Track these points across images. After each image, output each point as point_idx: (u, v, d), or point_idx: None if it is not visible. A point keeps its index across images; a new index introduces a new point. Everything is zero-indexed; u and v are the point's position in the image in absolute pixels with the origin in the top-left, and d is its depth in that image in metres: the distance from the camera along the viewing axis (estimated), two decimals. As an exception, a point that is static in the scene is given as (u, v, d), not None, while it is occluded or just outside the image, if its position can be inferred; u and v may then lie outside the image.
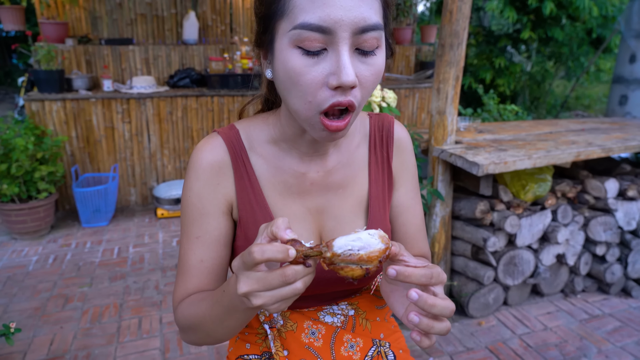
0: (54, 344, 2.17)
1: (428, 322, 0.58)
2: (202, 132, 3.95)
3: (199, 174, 0.75)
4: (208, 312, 0.68)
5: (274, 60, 0.64)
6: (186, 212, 0.77)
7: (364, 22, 0.58)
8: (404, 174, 0.87)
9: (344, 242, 0.55)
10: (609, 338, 2.27)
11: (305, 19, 0.57)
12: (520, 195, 2.35)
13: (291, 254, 0.52)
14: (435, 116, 2.25)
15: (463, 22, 2.09)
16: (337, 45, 0.58)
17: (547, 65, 6.84)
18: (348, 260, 0.55)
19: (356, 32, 0.58)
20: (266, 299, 0.54)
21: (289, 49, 0.60)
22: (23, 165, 3.08)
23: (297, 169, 0.78)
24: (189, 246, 0.76)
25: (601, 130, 2.79)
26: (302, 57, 0.59)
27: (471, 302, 2.37)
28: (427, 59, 5.05)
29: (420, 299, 0.56)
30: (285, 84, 0.63)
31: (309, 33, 0.57)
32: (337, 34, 0.57)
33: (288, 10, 0.59)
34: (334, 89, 0.60)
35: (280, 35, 0.61)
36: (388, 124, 0.86)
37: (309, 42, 0.58)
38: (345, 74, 0.58)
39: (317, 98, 0.61)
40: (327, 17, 0.56)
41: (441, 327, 0.58)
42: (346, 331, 0.85)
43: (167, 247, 3.22)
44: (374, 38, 0.60)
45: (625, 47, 3.84)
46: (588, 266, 2.62)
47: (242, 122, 0.81)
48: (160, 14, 4.40)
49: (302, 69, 0.60)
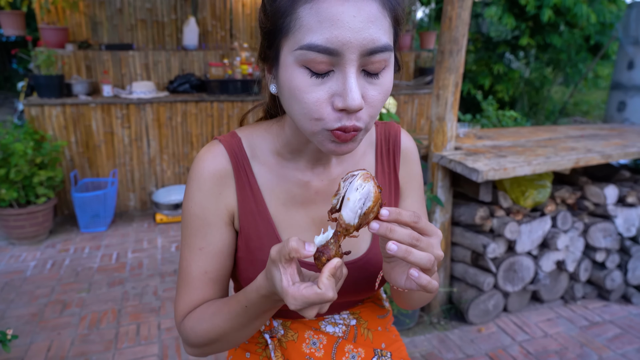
0: (52, 350, 2.15)
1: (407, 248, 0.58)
2: (201, 138, 3.95)
3: (201, 183, 0.74)
4: (228, 325, 0.69)
5: (279, 76, 0.63)
6: (188, 222, 0.75)
7: (372, 44, 0.56)
8: (411, 184, 0.86)
9: (351, 212, 0.57)
10: (609, 345, 2.26)
11: (312, 40, 0.55)
12: (520, 201, 2.35)
13: (337, 265, 0.56)
14: (434, 122, 2.26)
15: (462, 28, 2.10)
16: (344, 67, 0.57)
17: (546, 71, 6.87)
18: (364, 217, 0.57)
19: (364, 54, 0.56)
20: (319, 309, 0.58)
21: (294, 68, 0.58)
22: (22, 170, 3.07)
23: (301, 178, 0.77)
24: (192, 258, 0.75)
25: (600, 137, 2.80)
26: (308, 77, 0.58)
27: (471, 308, 2.36)
28: (426, 65, 5.07)
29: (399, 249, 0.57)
30: (289, 101, 0.62)
31: (316, 54, 0.56)
32: (344, 55, 0.56)
33: (294, 28, 0.57)
34: (340, 110, 0.59)
35: (285, 52, 0.60)
36: (395, 133, 0.84)
37: (316, 64, 0.57)
38: (351, 98, 0.56)
39: (322, 117, 0.59)
40: (335, 39, 0.55)
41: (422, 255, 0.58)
42: (348, 341, 0.84)
43: (165, 253, 3.20)
44: (382, 60, 0.58)
45: (623, 53, 3.86)
46: (588, 272, 2.62)
47: (244, 129, 0.80)
48: (161, 20, 4.41)
49: (307, 88, 0.58)
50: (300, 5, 0.56)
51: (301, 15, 0.56)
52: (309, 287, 0.55)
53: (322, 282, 0.55)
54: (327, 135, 0.61)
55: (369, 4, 0.55)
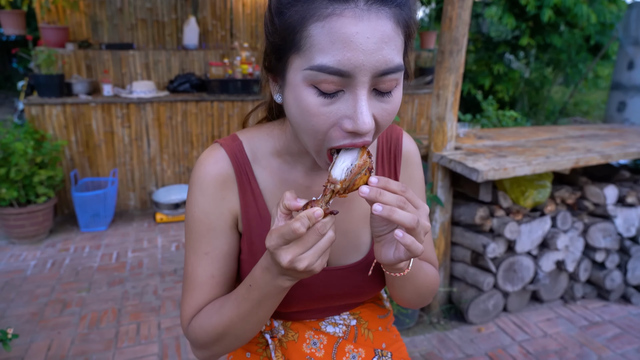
0: (52, 349, 2.16)
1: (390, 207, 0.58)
2: (201, 137, 3.95)
3: (204, 188, 0.73)
4: (235, 313, 0.68)
5: (286, 90, 0.61)
6: (192, 227, 0.75)
7: (385, 66, 0.55)
8: (412, 188, 0.85)
9: (339, 169, 0.59)
10: (609, 345, 2.26)
11: (323, 62, 0.53)
12: (520, 201, 2.35)
13: (317, 214, 0.56)
14: (434, 122, 2.26)
15: (463, 28, 2.10)
16: (354, 89, 0.55)
17: (546, 71, 6.87)
18: (353, 176, 0.59)
19: (376, 75, 0.55)
20: (310, 258, 0.58)
21: (302, 87, 0.57)
22: (22, 170, 3.07)
23: (303, 183, 0.77)
24: (198, 262, 0.75)
25: (600, 137, 2.80)
26: (316, 97, 0.56)
27: (471, 308, 2.36)
28: (426, 65, 5.07)
29: (383, 209, 0.58)
30: (296, 118, 0.60)
31: (326, 76, 0.54)
32: (356, 77, 0.54)
33: (305, 47, 0.55)
34: (348, 132, 0.58)
35: (294, 69, 0.58)
36: (397, 136, 0.83)
37: (326, 85, 0.55)
38: (362, 122, 0.55)
39: (328, 136, 0.59)
40: (348, 61, 0.53)
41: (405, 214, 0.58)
42: (348, 341, 0.84)
43: (165, 252, 3.21)
44: (393, 80, 0.57)
45: (623, 54, 3.86)
46: (587, 272, 2.62)
47: (244, 132, 0.79)
48: (161, 19, 4.41)
49: (316, 108, 0.57)
50: (311, 22, 0.54)
51: (312, 34, 0.54)
52: (285, 224, 0.57)
53: (294, 216, 0.56)
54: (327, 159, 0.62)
55: (383, 23, 0.54)
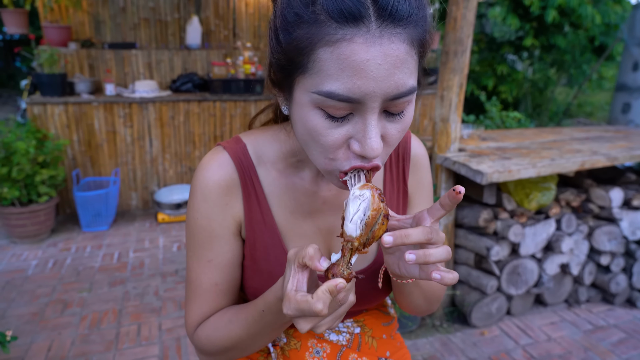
0: (52, 350, 2.15)
1: (424, 251, 0.55)
2: (203, 137, 3.94)
3: (206, 194, 0.71)
4: (245, 332, 0.67)
5: (292, 107, 0.59)
6: (194, 234, 0.73)
7: (397, 91, 0.52)
8: (420, 192, 0.83)
9: (352, 224, 0.55)
10: (614, 350, 2.24)
11: (332, 89, 0.51)
12: (524, 204, 2.33)
13: (339, 287, 0.53)
14: (438, 123, 2.24)
15: (467, 29, 2.08)
16: (364, 113, 0.53)
17: (550, 72, 6.83)
18: (369, 229, 0.55)
19: (387, 100, 0.53)
20: (328, 324, 0.57)
21: (309, 108, 0.54)
22: (24, 169, 3.07)
23: (309, 187, 0.74)
24: (201, 270, 0.73)
25: (605, 139, 2.77)
26: (324, 119, 0.54)
27: (474, 311, 2.34)
28: (429, 66, 5.05)
29: (417, 256, 0.55)
30: (304, 137, 0.58)
31: (335, 102, 0.52)
32: (365, 103, 0.52)
33: (313, 70, 0.52)
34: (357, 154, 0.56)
35: (301, 90, 0.55)
36: (405, 139, 0.81)
37: (334, 110, 0.53)
38: (370, 148, 0.53)
39: (337, 157, 0.57)
40: (358, 89, 0.50)
41: (439, 251, 0.55)
42: (352, 350, 0.82)
43: (167, 253, 3.20)
44: (405, 102, 0.55)
45: (628, 55, 3.83)
46: (592, 276, 2.59)
47: (249, 134, 0.76)
48: (164, 19, 4.40)
49: (323, 130, 0.55)
50: (320, 46, 0.51)
51: (321, 58, 0.51)
52: (305, 294, 0.53)
53: (316, 293, 0.52)
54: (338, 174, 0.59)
55: (396, 47, 0.50)
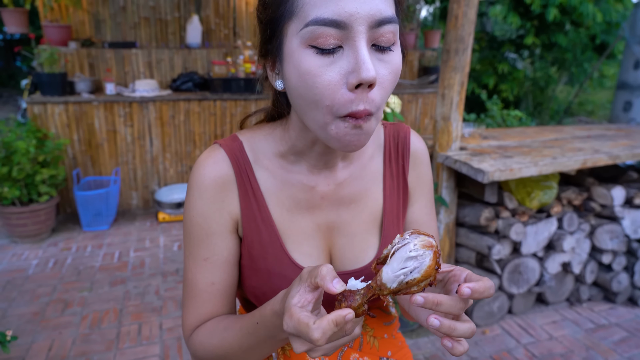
0: (53, 350, 2.14)
1: (450, 323, 0.54)
2: (204, 136, 3.93)
3: (202, 191, 0.70)
4: (238, 343, 0.66)
5: (284, 67, 0.60)
6: (191, 232, 0.72)
7: (380, 15, 0.55)
8: (420, 188, 0.83)
9: (391, 271, 0.50)
10: (615, 348, 2.23)
11: (318, 14, 0.54)
12: (526, 202, 2.33)
13: (348, 318, 0.49)
14: (439, 122, 2.23)
15: (469, 27, 2.07)
16: (353, 41, 0.55)
17: (551, 70, 6.83)
18: (408, 288, 0.51)
19: (373, 26, 0.55)
20: (324, 351, 0.54)
21: (301, 50, 0.57)
22: (24, 168, 3.07)
23: (307, 183, 0.74)
24: (197, 269, 0.72)
25: (607, 137, 2.76)
26: (317, 57, 0.56)
27: (475, 310, 2.33)
28: (430, 64, 5.04)
29: (442, 326, 0.54)
30: (299, 89, 0.59)
31: (324, 29, 0.54)
32: (353, 28, 0.54)
33: (297, 9, 0.56)
34: (354, 88, 0.56)
35: (290, 37, 0.58)
36: (404, 134, 0.81)
37: (324, 39, 0.55)
38: (365, 70, 0.54)
39: (335, 101, 0.57)
40: (342, 10, 0.53)
41: (464, 327, 0.55)
42: (353, 350, 0.81)
43: (168, 252, 3.19)
44: (390, 32, 0.57)
45: (629, 53, 3.82)
46: (594, 275, 2.59)
47: (245, 132, 0.76)
48: (164, 18, 4.40)
49: (317, 69, 0.56)
50: None
51: None
52: (309, 316, 0.50)
53: (319, 321, 0.49)
54: (339, 125, 0.58)
55: None
